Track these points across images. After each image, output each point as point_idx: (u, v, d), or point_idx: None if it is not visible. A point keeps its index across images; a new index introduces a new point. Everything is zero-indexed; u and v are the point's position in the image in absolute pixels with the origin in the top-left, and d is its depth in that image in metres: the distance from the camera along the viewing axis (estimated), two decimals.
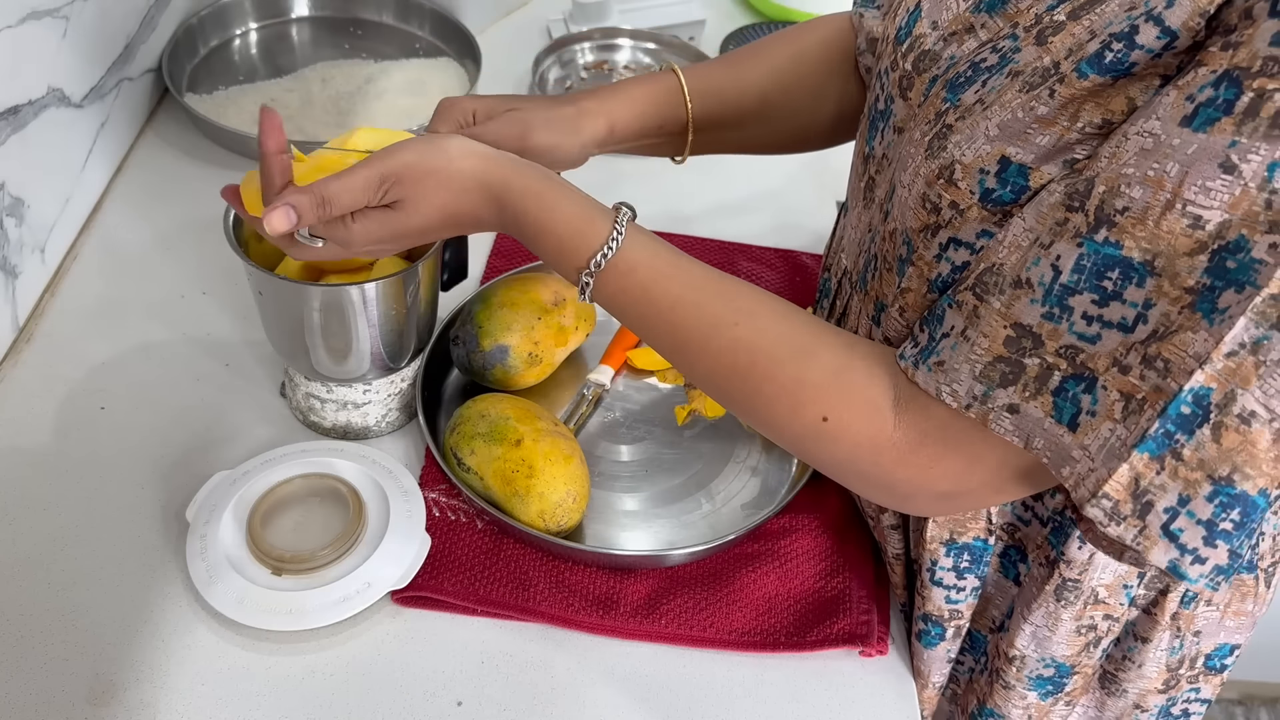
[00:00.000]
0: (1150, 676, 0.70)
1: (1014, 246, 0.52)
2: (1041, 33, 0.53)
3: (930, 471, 0.56)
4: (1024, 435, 0.51)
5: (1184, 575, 0.49)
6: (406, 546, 0.73)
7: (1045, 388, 0.50)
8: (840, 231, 0.79)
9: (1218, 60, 0.44)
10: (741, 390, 0.60)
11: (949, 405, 0.54)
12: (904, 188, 0.60)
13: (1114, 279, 0.47)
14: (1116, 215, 0.47)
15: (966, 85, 0.56)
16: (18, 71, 0.83)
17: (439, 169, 0.62)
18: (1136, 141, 0.47)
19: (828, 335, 0.59)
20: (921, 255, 0.60)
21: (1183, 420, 0.46)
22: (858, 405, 0.57)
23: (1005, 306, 0.51)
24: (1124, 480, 0.48)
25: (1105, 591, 0.66)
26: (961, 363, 0.53)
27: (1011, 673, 0.71)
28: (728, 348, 0.59)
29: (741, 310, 0.59)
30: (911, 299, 0.62)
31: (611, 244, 0.60)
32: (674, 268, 0.61)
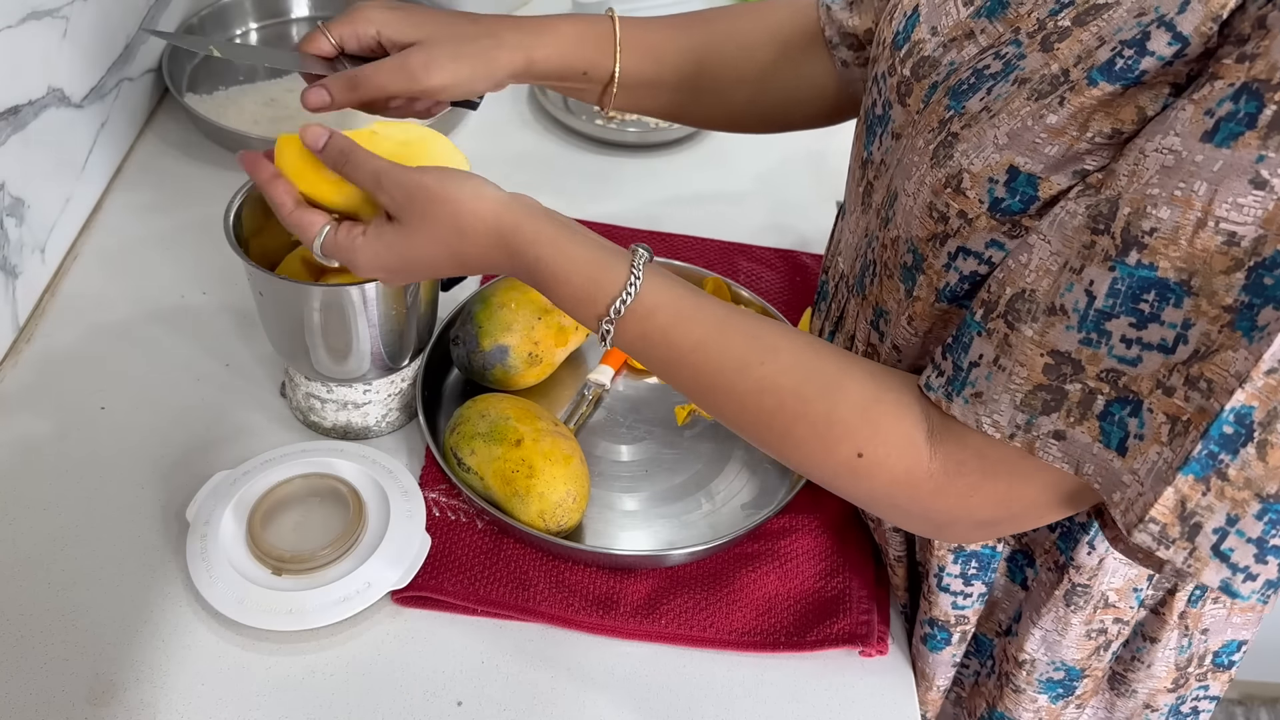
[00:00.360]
0: (1160, 676, 0.70)
1: (1042, 271, 0.51)
2: (1046, 39, 0.52)
3: (969, 500, 0.55)
4: (1074, 461, 0.51)
5: (1236, 593, 0.48)
6: (406, 546, 0.73)
7: (1090, 412, 0.49)
8: (838, 234, 0.79)
9: (1234, 73, 0.44)
10: (772, 431, 0.59)
11: (990, 435, 0.53)
12: (908, 196, 0.60)
13: (1150, 300, 0.47)
14: (1145, 237, 0.46)
15: (971, 93, 0.55)
16: (18, 71, 0.83)
17: (450, 199, 0.61)
18: (1156, 159, 0.46)
19: (854, 368, 0.58)
20: (931, 264, 0.59)
21: (1226, 440, 0.45)
22: (891, 440, 0.56)
23: (1039, 334, 0.50)
24: (1170, 504, 0.47)
25: (1115, 595, 0.66)
26: (1001, 392, 0.52)
27: (1021, 676, 0.70)
28: (754, 389, 0.58)
29: (766, 349, 0.58)
30: (920, 308, 0.61)
31: (630, 289, 0.59)
32: (695, 309, 0.60)
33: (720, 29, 0.80)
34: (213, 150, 1.07)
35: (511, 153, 1.14)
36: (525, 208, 0.62)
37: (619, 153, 1.15)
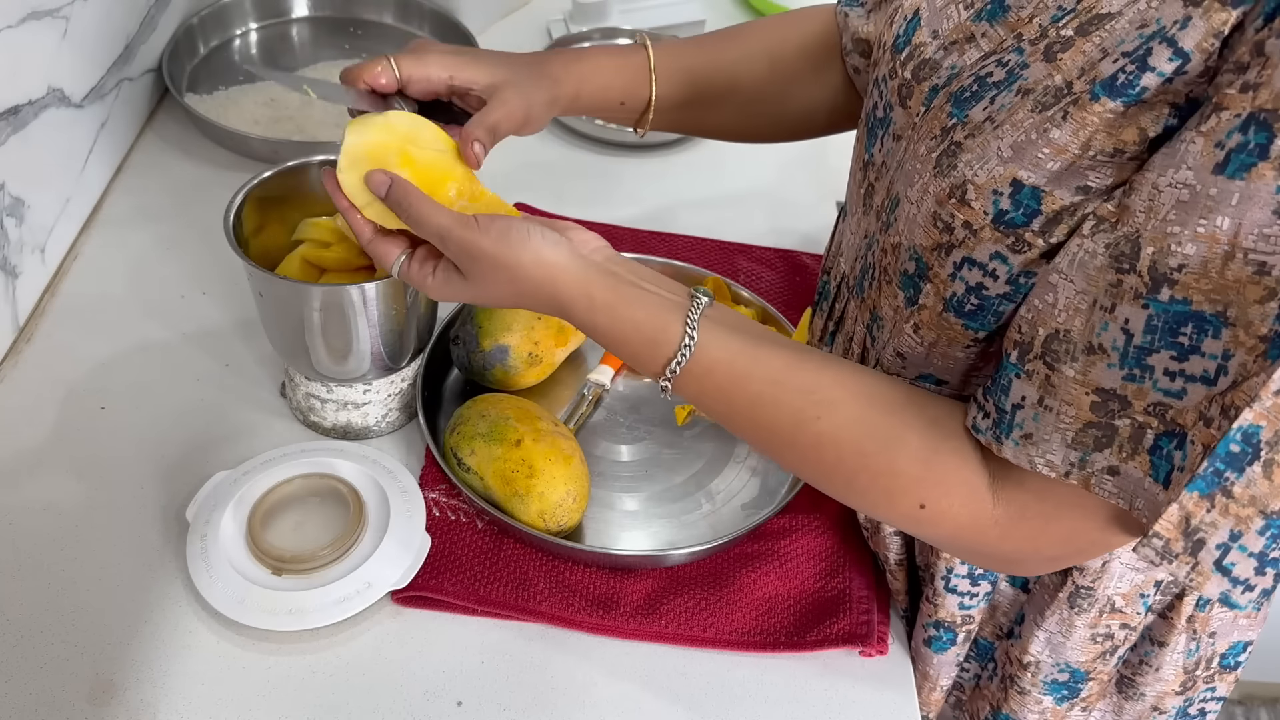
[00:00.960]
0: (1168, 680, 0.70)
1: (1073, 311, 0.51)
2: (1050, 48, 0.52)
3: (1037, 540, 0.56)
4: (1127, 497, 0.51)
5: (1235, 604, 0.49)
6: (406, 546, 0.73)
7: (1141, 447, 0.50)
8: (839, 235, 0.79)
9: (1239, 103, 0.44)
10: (834, 482, 0.60)
11: (1046, 475, 0.53)
12: (911, 203, 0.60)
13: (1189, 334, 0.47)
14: (1175, 273, 0.46)
15: (974, 101, 0.55)
16: (18, 71, 0.83)
17: (510, 267, 0.61)
18: (1171, 194, 0.46)
19: (912, 415, 0.58)
20: (937, 274, 0.59)
21: (1232, 458, 0.46)
22: (954, 490, 0.56)
23: (1082, 374, 0.50)
24: (1174, 519, 0.47)
25: (1122, 600, 0.66)
26: (1051, 432, 0.52)
27: (1026, 678, 0.70)
28: (813, 444, 0.58)
29: (823, 404, 0.58)
30: (927, 316, 0.61)
31: (685, 351, 0.59)
32: (752, 363, 0.59)
33: (746, 46, 0.81)
34: (213, 150, 1.07)
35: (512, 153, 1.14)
36: (581, 270, 0.61)
37: (619, 153, 1.15)
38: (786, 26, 0.82)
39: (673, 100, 0.79)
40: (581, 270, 0.61)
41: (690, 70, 0.79)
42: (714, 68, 0.80)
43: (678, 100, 0.80)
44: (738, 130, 0.85)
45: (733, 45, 0.81)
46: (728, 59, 0.80)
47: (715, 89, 0.80)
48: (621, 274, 0.62)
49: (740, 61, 0.80)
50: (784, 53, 0.80)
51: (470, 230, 0.60)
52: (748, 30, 0.82)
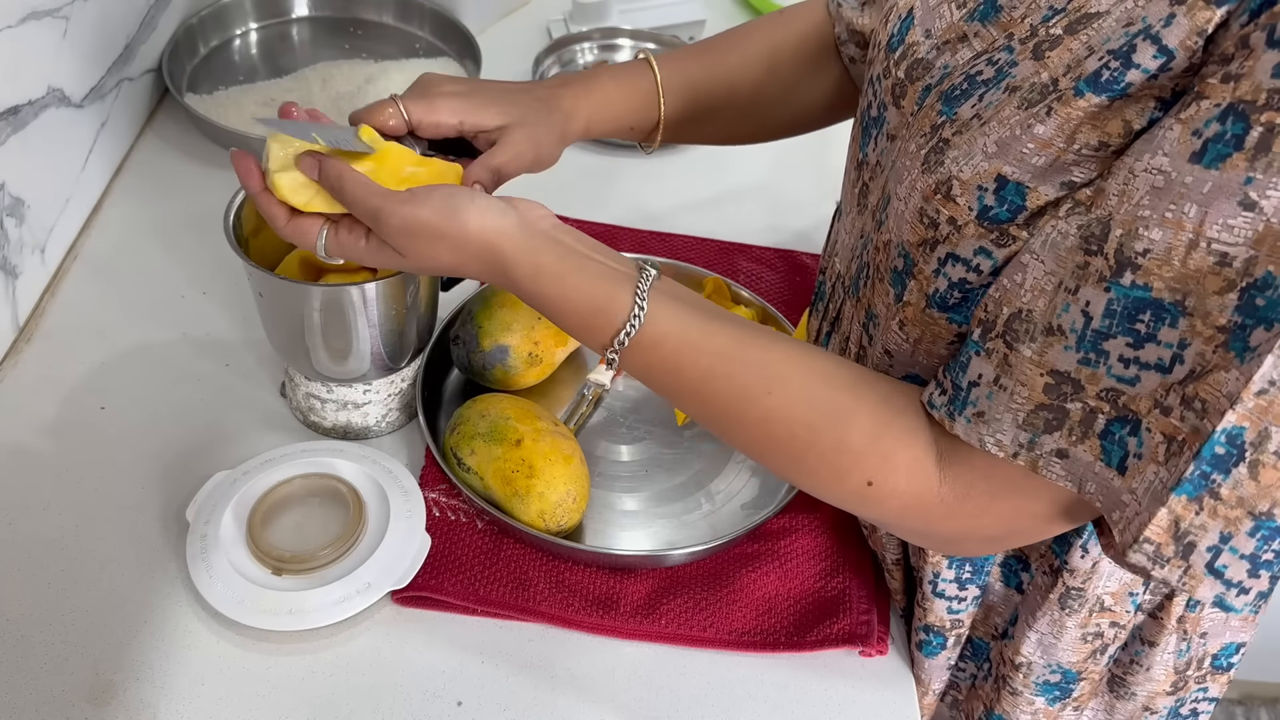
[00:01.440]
0: (1158, 680, 0.70)
1: (1038, 291, 0.51)
2: (1038, 46, 0.53)
3: (979, 520, 0.56)
4: (1076, 480, 0.51)
5: (1230, 607, 0.49)
6: (406, 546, 0.73)
7: (1091, 431, 0.50)
8: (834, 235, 0.79)
9: (1220, 93, 0.44)
10: (782, 459, 0.59)
11: (994, 455, 0.53)
12: (900, 200, 0.60)
13: (1146, 321, 0.47)
14: (1139, 258, 0.47)
15: (963, 99, 0.55)
16: (18, 71, 0.83)
17: (453, 235, 0.60)
18: (1146, 180, 0.46)
19: (864, 392, 0.58)
20: (921, 270, 0.59)
21: (1218, 460, 0.46)
22: (901, 468, 0.56)
23: (1038, 355, 0.51)
24: (1164, 524, 0.48)
25: (1111, 599, 0.66)
26: (1003, 412, 0.52)
27: (1018, 679, 0.71)
28: (762, 418, 0.58)
29: (774, 378, 0.58)
30: (911, 313, 0.61)
31: (634, 321, 0.58)
32: (702, 337, 0.59)
33: (745, 52, 0.81)
34: (213, 150, 1.07)
35: None
36: (527, 238, 0.60)
37: (619, 153, 1.15)
38: (780, 26, 0.82)
39: (677, 117, 0.80)
40: (528, 238, 0.60)
41: (691, 84, 0.80)
42: (713, 78, 0.80)
43: (682, 116, 0.80)
44: (739, 134, 0.86)
45: (730, 53, 0.81)
46: (726, 68, 0.80)
47: (716, 99, 0.80)
48: (569, 243, 0.61)
49: (738, 69, 0.80)
50: (780, 54, 0.81)
51: (408, 204, 0.60)
52: (743, 34, 0.82)
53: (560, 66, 1.25)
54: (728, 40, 0.82)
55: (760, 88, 0.81)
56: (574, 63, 1.27)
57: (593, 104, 0.77)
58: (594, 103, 0.77)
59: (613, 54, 1.28)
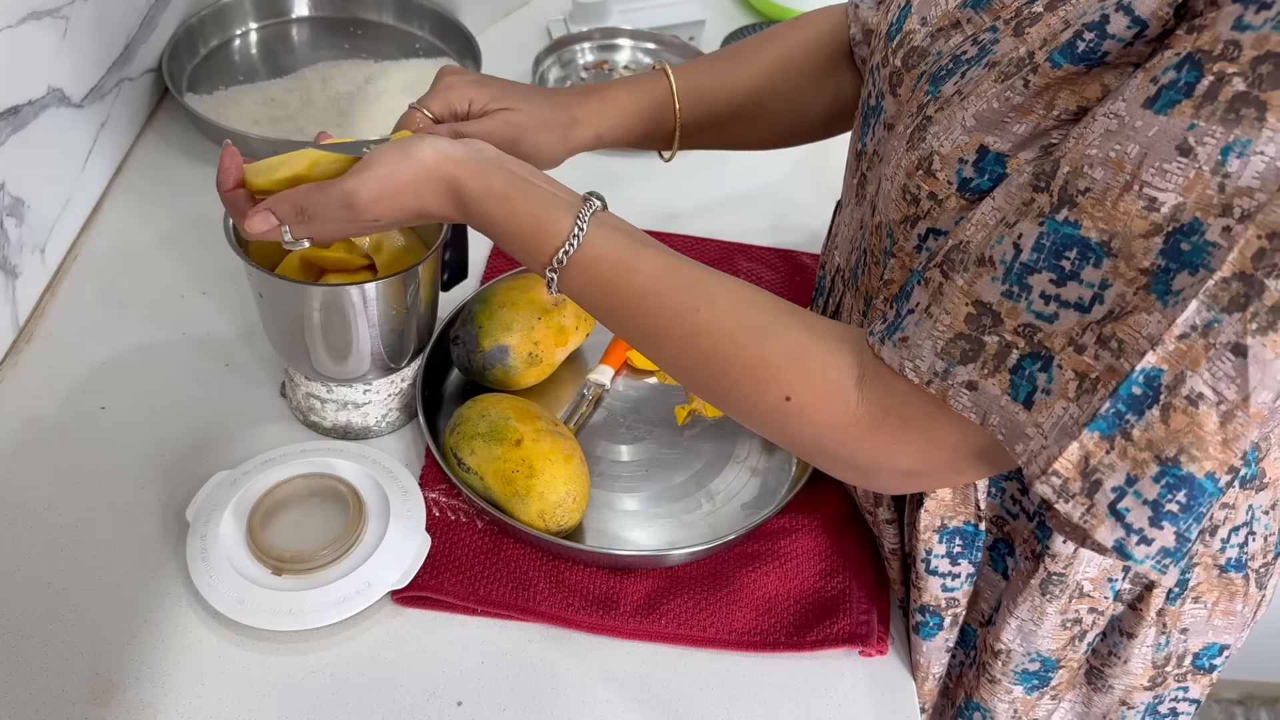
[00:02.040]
0: (1136, 673, 0.70)
1: (981, 224, 0.52)
2: (1019, 24, 0.54)
3: (892, 448, 0.56)
4: (981, 412, 0.52)
5: (1130, 556, 0.49)
6: (406, 546, 0.73)
7: (1003, 365, 0.50)
8: (835, 229, 0.79)
9: (1182, 43, 0.45)
10: (707, 375, 0.60)
11: (911, 381, 0.54)
12: (887, 180, 0.61)
13: (1072, 259, 0.48)
14: (1078, 195, 0.47)
15: (947, 78, 0.57)
16: (18, 71, 0.83)
17: (411, 179, 0.62)
18: (1103, 123, 0.47)
19: (789, 316, 0.59)
20: (902, 246, 0.60)
21: (1133, 400, 0.46)
22: (819, 384, 0.57)
23: (968, 284, 0.52)
24: (1074, 458, 0.48)
25: (1090, 585, 0.66)
26: (924, 339, 0.53)
27: (997, 667, 0.71)
28: (690, 333, 0.59)
29: (703, 297, 0.60)
30: (894, 290, 0.62)
31: (573, 241, 0.60)
32: (637, 259, 0.61)
33: (761, 60, 0.81)
34: (213, 150, 1.07)
35: None
36: (476, 161, 0.63)
37: (619, 153, 1.15)
38: (795, 34, 0.82)
39: (695, 125, 0.80)
40: (479, 162, 0.63)
41: (707, 93, 0.80)
42: (730, 87, 0.81)
43: (700, 124, 0.81)
44: (759, 141, 0.86)
45: (745, 62, 0.82)
46: (742, 76, 0.81)
47: (733, 108, 0.81)
48: (517, 169, 0.63)
49: (755, 77, 0.81)
50: (796, 61, 0.81)
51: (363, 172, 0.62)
52: (759, 44, 0.83)
53: (560, 67, 1.25)
54: (742, 50, 0.83)
55: (777, 95, 0.81)
56: (574, 63, 1.27)
57: (606, 113, 0.77)
58: (608, 111, 0.77)
59: (613, 54, 1.28)
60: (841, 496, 0.81)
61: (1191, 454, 0.46)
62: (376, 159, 0.62)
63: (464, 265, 0.85)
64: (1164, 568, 0.49)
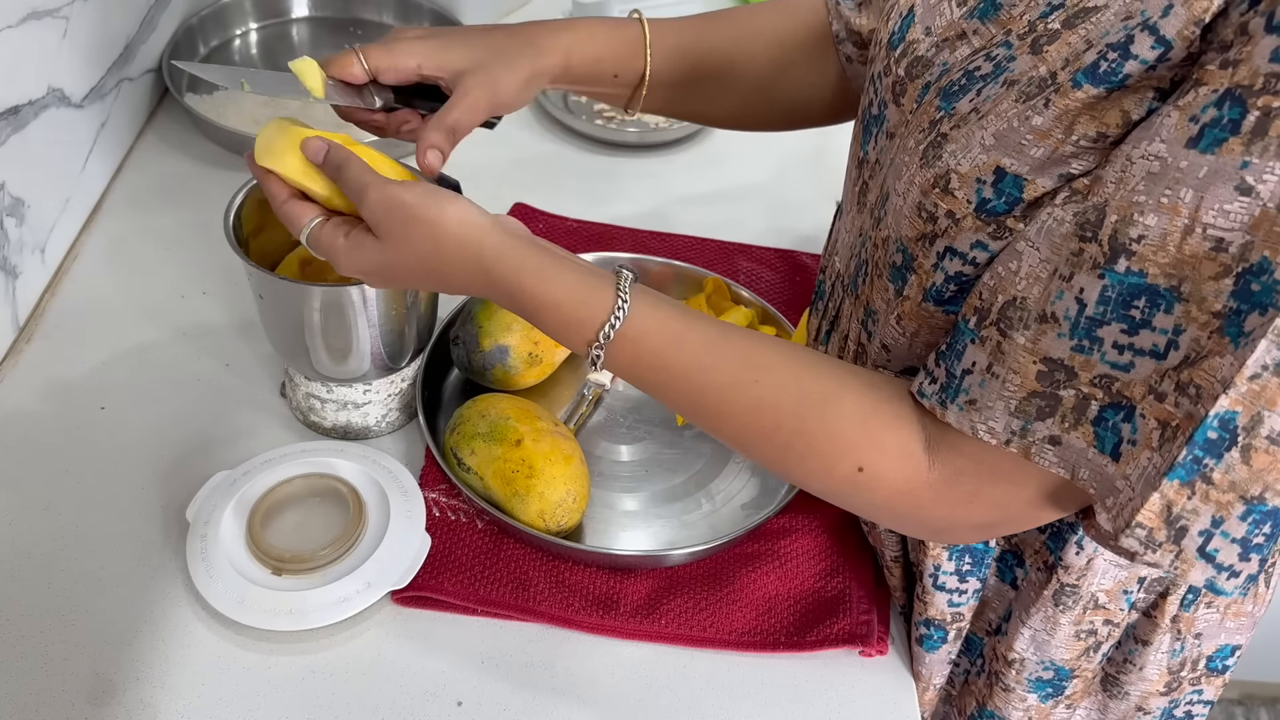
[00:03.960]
0: (1151, 679, 0.70)
1: (1033, 279, 0.51)
2: (1036, 41, 0.53)
3: (969, 506, 0.56)
4: (1069, 466, 0.51)
5: (1220, 590, 0.49)
6: (406, 546, 0.73)
7: (1084, 418, 0.50)
8: (835, 234, 0.79)
9: (1218, 79, 0.44)
10: (771, 448, 0.59)
11: (985, 442, 0.53)
12: (899, 195, 0.60)
13: (1141, 307, 0.47)
14: (1133, 244, 0.47)
15: (961, 94, 0.56)
16: (18, 71, 0.83)
17: (432, 222, 0.60)
18: (1143, 166, 0.46)
19: (850, 381, 0.58)
20: (920, 264, 0.59)
21: (1210, 445, 0.46)
22: (891, 452, 0.56)
23: (1031, 342, 0.51)
24: (1156, 509, 0.48)
25: (1105, 597, 0.66)
26: (995, 400, 0.52)
27: (1011, 675, 0.71)
28: (750, 408, 0.58)
29: (760, 368, 0.58)
30: (909, 307, 0.61)
31: (618, 314, 0.58)
32: (685, 330, 0.59)
33: (742, 27, 0.80)
34: (213, 150, 1.07)
35: (512, 153, 1.14)
36: (509, 235, 0.61)
37: (619, 153, 1.15)
38: (781, 11, 0.81)
39: (666, 78, 0.78)
40: (506, 234, 0.61)
41: (684, 48, 0.78)
42: (708, 46, 0.79)
43: (671, 78, 0.79)
44: (731, 115, 0.84)
45: (727, 25, 0.80)
46: (721, 38, 0.79)
47: (708, 68, 0.79)
48: (547, 246, 0.62)
49: (735, 41, 0.79)
50: (779, 36, 0.80)
51: (393, 186, 0.60)
52: (743, 13, 0.81)
53: None
54: (725, 14, 0.81)
55: (755, 65, 0.80)
56: None
57: (572, 39, 0.74)
58: (575, 38, 0.74)
59: None
60: None
61: (1276, 489, 0.46)
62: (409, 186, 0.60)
63: None
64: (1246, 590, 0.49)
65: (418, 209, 0.60)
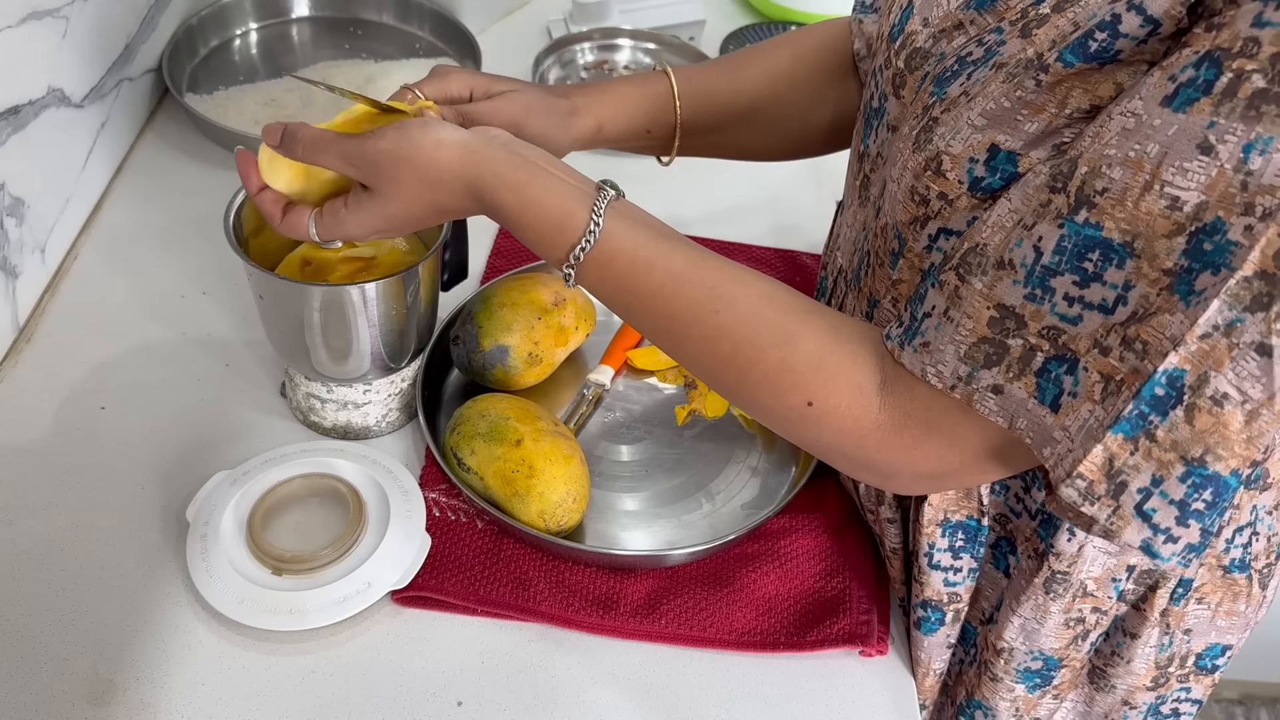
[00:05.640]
0: (1139, 673, 0.70)
1: (998, 227, 0.52)
2: (1026, 26, 0.53)
3: (913, 453, 0.56)
4: (1008, 416, 0.52)
5: (1156, 554, 0.49)
6: (406, 546, 0.73)
7: (1029, 369, 0.50)
8: (837, 230, 0.79)
9: (1201, 41, 0.44)
10: (726, 376, 0.60)
11: (934, 386, 0.54)
12: (893, 182, 0.61)
13: (1094, 260, 0.48)
14: (1096, 196, 0.47)
15: (952, 79, 0.56)
16: (18, 71, 0.83)
17: (412, 158, 0.61)
18: (1119, 121, 0.47)
19: (813, 318, 0.59)
20: (911, 248, 0.60)
21: (1157, 401, 0.46)
22: (842, 390, 0.57)
23: (988, 287, 0.51)
24: (1098, 460, 0.48)
25: (1094, 584, 0.66)
26: (946, 343, 0.53)
27: (1000, 665, 0.71)
28: (710, 335, 0.59)
29: (723, 298, 0.59)
30: (904, 290, 0.62)
31: (590, 236, 0.59)
32: (655, 255, 0.60)
33: (767, 65, 0.81)
34: (213, 150, 1.07)
35: None
36: (489, 151, 0.62)
37: (619, 153, 1.15)
38: (801, 42, 0.82)
39: (697, 126, 0.80)
40: (487, 148, 0.62)
41: (711, 93, 0.80)
42: (734, 89, 0.80)
43: (702, 125, 0.80)
44: (762, 151, 0.86)
45: (751, 66, 0.81)
46: (747, 79, 0.81)
47: (738, 111, 0.81)
48: (529, 155, 0.62)
49: (758, 81, 0.81)
50: (803, 68, 0.81)
51: (366, 139, 0.62)
52: (764, 50, 0.83)
53: (560, 67, 1.25)
54: (748, 54, 0.83)
55: (783, 101, 0.81)
56: (574, 62, 1.27)
57: (606, 102, 0.77)
58: (608, 101, 0.77)
59: (613, 54, 1.28)
60: (841, 496, 0.81)
61: (1217, 453, 0.46)
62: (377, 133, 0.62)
63: (464, 265, 0.85)
64: (1188, 562, 0.49)
65: (395, 152, 0.61)
